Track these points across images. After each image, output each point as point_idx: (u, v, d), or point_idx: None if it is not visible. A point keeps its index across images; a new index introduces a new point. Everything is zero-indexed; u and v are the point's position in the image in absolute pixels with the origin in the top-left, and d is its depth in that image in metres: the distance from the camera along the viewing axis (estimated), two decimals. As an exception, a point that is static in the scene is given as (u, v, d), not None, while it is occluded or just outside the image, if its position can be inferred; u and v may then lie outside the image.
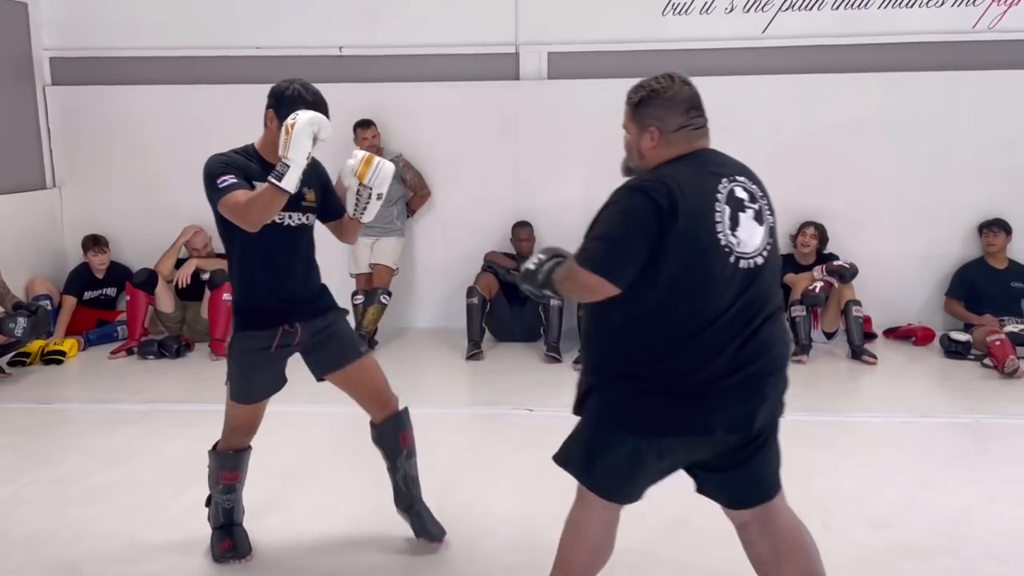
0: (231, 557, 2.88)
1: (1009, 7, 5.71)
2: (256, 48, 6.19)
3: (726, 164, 2.09)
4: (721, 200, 1.99)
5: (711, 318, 1.97)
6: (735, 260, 1.98)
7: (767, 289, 2.06)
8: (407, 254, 6.16)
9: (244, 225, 2.51)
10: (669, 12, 5.92)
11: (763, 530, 2.16)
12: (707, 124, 2.12)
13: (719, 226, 1.97)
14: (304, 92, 2.63)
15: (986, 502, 3.22)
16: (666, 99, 2.07)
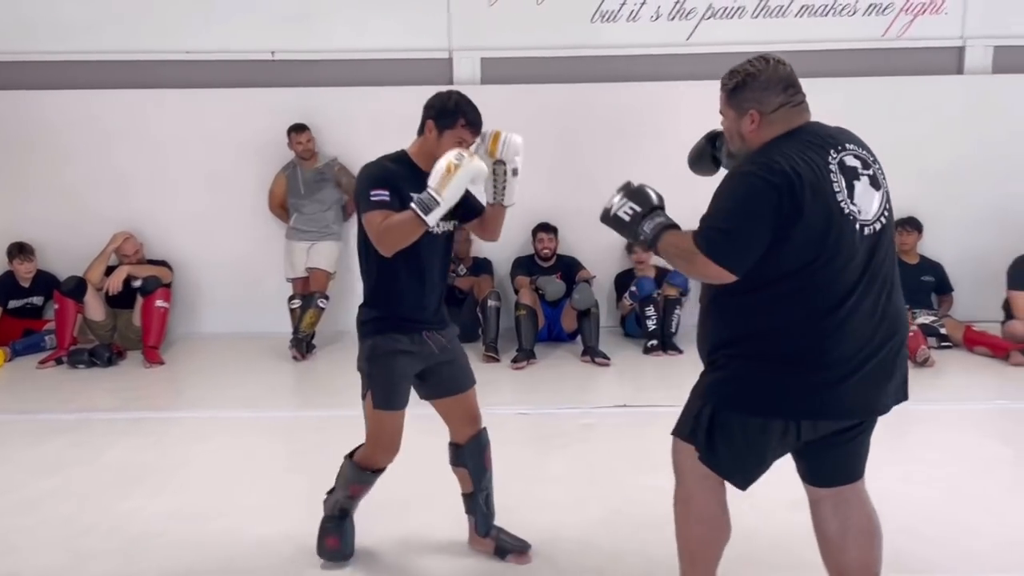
0: (332, 557, 2.83)
1: (915, 16, 6.06)
2: (185, 52, 6.13)
3: (832, 135, 2.09)
4: (835, 170, 1.99)
5: (847, 291, 1.98)
6: (860, 228, 1.99)
7: (889, 256, 2.06)
8: (345, 258, 6.17)
9: (379, 247, 2.51)
10: (598, 19, 6.09)
11: (836, 510, 2.19)
12: (806, 99, 2.12)
13: (839, 195, 1.97)
14: (466, 106, 2.61)
15: (900, 482, 3.43)
16: (762, 81, 2.08)
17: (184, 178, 6.22)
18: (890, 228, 2.08)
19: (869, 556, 2.19)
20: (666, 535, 2.95)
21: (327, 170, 5.96)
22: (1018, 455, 3.85)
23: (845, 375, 1.98)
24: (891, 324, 2.03)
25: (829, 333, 1.98)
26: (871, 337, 2.00)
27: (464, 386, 2.83)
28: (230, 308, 6.32)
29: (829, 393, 2.00)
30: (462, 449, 2.85)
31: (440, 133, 2.58)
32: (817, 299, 1.98)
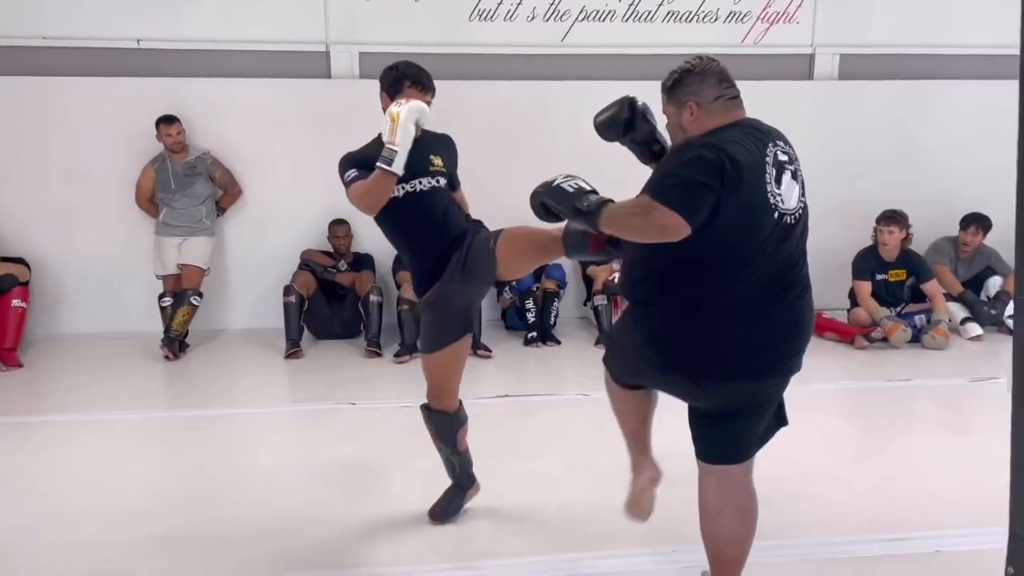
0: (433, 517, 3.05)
1: (771, 25, 6.47)
2: (43, 38, 5.80)
3: (767, 130, 2.23)
4: (770, 160, 2.14)
5: (763, 269, 2.13)
6: (779, 216, 2.14)
7: (798, 248, 2.21)
8: (218, 254, 6.02)
9: (363, 211, 2.80)
10: (475, 18, 6.18)
11: (719, 487, 2.37)
12: (740, 95, 2.25)
13: (769, 184, 2.12)
14: (407, 70, 2.87)
15: (757, 457, 3.70)
16: (696, 74, 2.22)
17: (43, 171, 5.89)
18: (805, 221, 2.23)
19: (742, 532, 2.39)
20: (546, 516, 3.11)
21: (199, 164, 5.79)
22: (861, 430, 4.23)
23: (746, 349, 2.16)
24: (796, 309, 2.20)
25: (730, 307, 2.14)
26: (780, 320, 2.18)
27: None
28: (95, 308, 6.04)
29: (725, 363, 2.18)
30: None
31: (394, 100, 2.78)
32: (725, 278, 2.13)
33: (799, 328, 2.25)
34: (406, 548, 2.89)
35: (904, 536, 2.96)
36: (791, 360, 2.26)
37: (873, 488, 3.38)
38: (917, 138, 6.61)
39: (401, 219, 2.87)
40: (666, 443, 3.87)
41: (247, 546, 2.90)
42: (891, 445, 3.98)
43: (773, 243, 2.14)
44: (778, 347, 2.22)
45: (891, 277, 5.86)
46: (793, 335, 2.23)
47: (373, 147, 2.82)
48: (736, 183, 2.06)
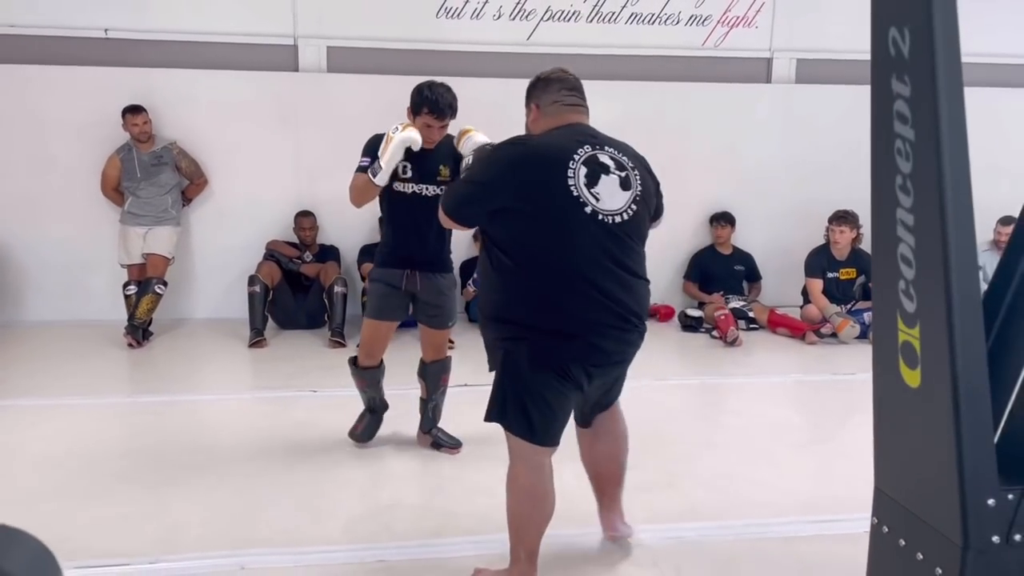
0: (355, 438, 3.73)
1: (731, 29, 6.64)
2: (9, 26, 5.80)
3: (596, 136, 2.44)
4: (577, 160, 2.32)
5: (572, 263, 2.29)
6: (591, 212, 2.30)
7: (633, 249, 2.39)
8: (184, 244, 6.06)
9: (352, 201, 3.40)
10: (443, 15, 6.28)
11: (596, 429, 2.72)
12: (582, 104, 2.52)
13: (571, 181, 2.30)
14: (429, 97, 3.34)
15: (704, 447, 3.85)
16: (543, 81, 2.53)
17: (8, 159, 5.89)
18: (636, 226, 2.39)
19: (615, 448, 2.74)
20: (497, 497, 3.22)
21: (165, 153, 5.82)
22: (806, 420, 4.40)
23: (577, 337, 2.33)
24: (622, 302, 2.35)
25: (558, 302, 2.31)
26: (602, 312, 2.32)
27: (440, 325, 3.61)
28: (59, 295, 6.06)
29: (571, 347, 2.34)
30: (426, 366, 3.71)
31: (414, 118, 3.37)
32: (548, 270, 2.30)
33: (638, 304, 2.42)
34: (360, 528, 2.99)
35: (836, 518, 3.11)
36: (635, 337, 2.46)
37: (810, 474, 3.55)
38: (869, 141, 6.80)
39: (402, 212, 3.43)
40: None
41: (204, 524, 2.98)
42: (832, 435, 4.15)
43: (593, 242, 2.30)
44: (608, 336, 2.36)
45: (842, 275, 6.05)
46: (632, 311, 2.39)
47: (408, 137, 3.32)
48: (528, 173, 2.31)
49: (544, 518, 2.47)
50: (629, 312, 2.38)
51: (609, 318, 2.33)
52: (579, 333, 2.32)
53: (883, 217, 1.75)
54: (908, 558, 1.81)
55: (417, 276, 3.47)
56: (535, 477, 2.42)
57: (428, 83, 3.38)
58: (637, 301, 2.41)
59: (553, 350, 2.33)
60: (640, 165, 2.48)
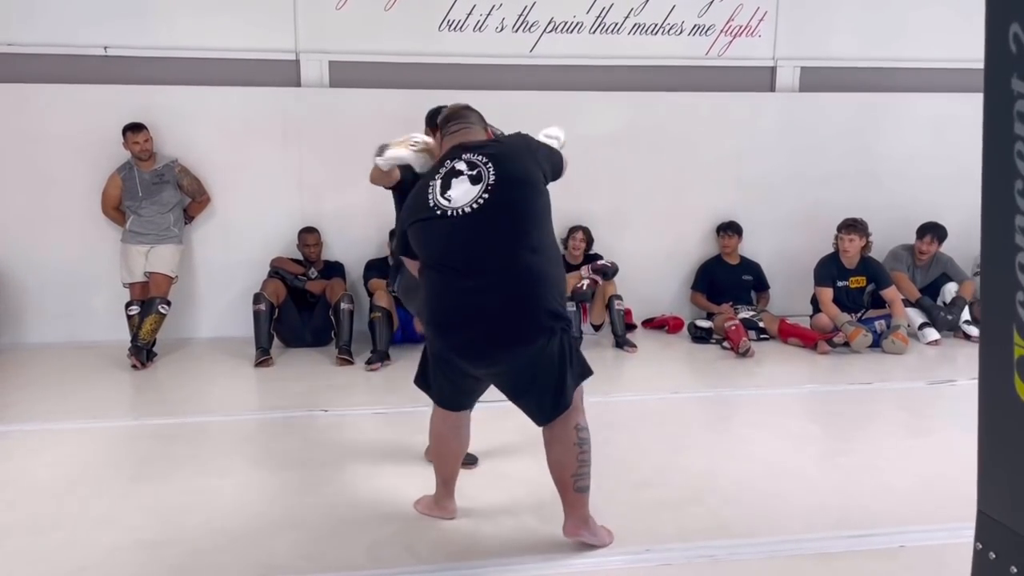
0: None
1: (734, 38, 6.62)
2: (7, 44, 5.74)
3: (461, 149, 2.84)
4: (438, 177, 2.79)
5: (436, 260, 2.75)
6: (441, 213, 2.71)
7: (496, 228, 2.68)
8: (187, 262, 5.98)
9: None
10: (445, 28, 6.24)
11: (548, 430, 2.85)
12: (464, 127, 2.96)
13: (431, 195, 2.75)
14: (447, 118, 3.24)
15: (725, 460, 3.79)
16: (443, 120, 3.01)
17: (8, 179, 5.81)
18: (494, 204, 2.67)
19: (562, 457, 2.84)
20: (520, 518, 3.15)
21: (167, 172, 5.75)
22: (824, 432, 4.33)
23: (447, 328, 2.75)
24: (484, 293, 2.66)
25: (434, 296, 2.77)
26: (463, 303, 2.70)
27: None
28: (60, 317, 5.96)
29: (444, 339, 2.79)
30: None
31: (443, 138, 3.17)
32: (427, 270, 2.79)
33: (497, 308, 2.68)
34: (382, 550, 2.91)
35: (869, 532, 3.05)
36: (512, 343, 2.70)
37: (838, 487, 3.48)
38: (875, 149, 6.79)
39: None
40: (638, 446, 3.96)
41: (221, 551, 2.90)
42: (854, 446, 4.08)
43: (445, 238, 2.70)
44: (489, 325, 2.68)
45: (852, 284, 6.01)
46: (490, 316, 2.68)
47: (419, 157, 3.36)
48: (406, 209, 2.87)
49: (449, 455, 3.09)
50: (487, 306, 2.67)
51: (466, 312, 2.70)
52: (443, 326, 2.77)
53: (998, 224, 1.67)
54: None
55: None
56: (441, 425, 3.03)
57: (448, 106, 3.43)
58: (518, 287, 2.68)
59: (435, 340, 2.83)
60: (502, 154, 2.79)
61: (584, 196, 6.37)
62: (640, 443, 3.98)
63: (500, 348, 2.70)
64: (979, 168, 2.15)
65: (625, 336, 5.90)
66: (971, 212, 6.64)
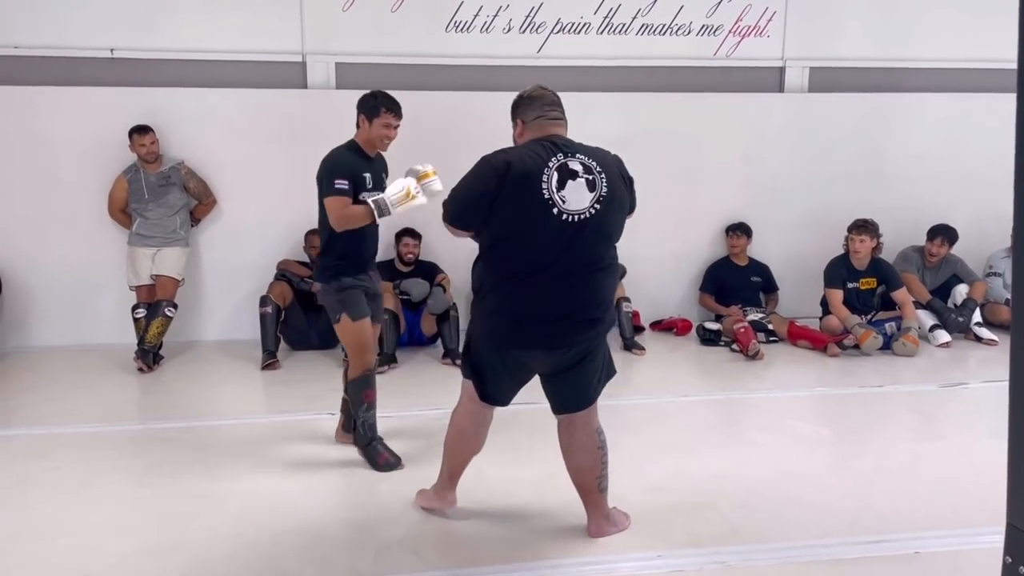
0: (392, 466, 3.61)
1: (743, 38, 6.58)
2: (14, 47, 5.73)
3: (569, 145, 2.78)
4: (551, 167, 2.68)
5: (544, 260, 2.67)
6: (557, 212, 2.66)
7: (596, 243, 2.74)
8: (193, 265, 5.97)
9: (335, 227, 3.51)
10: (452, 29, 6.22)
11: (567, 430, 2.95)
12: (562, 117, 2.86)
13: (544, 186, 2.66)
14: (384, 98, 3.62)
15: (737, 464, 3.75)
16: (526, 99, 2.86)
17: (13, 181, 5.80)
18: (600, 221, 2.72)
19: (585, 462, 2.96)
20: (529, 522, 3.12)
21: (173, 174, 5.74)
22: (836, 435, 4.28)
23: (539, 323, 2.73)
24: (583, 293, 2.74)
25: (529, 293, 2.71)
26: (564, 301, 2.71)
27: (379, 317, 3.83)
28: (66, 319, 5.95)
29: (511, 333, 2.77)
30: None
31: (371, 123, 3.60)
32: (514, 263, 2.71)
33: (590, 304, 2.76)
34: (390, 555, 2.88)
35: (882, 538, 3.01)
36: (584, 330, 2.78)
37: (850, 491, 3.44)
38: (884, 149, 6.75)
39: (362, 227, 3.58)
40: (648, 450, 3.92)
41: (230, 558, 2.87)
42: (866, 449, 4.04)
43: (559, 238, 2.67)
44: (572, 318, 2.74)
45: (862, 285, 5.96)
46: (584, 309, 2.75)
47: (355, 155, 3.64)
48: (511, 179, 2.65)
49: (466, 450, 3.08)
50: (584, 302, 2.74)
51: (563, 307, 2.72)
52: (516, 321, 2.74)
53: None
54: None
55: (375, 276, 3.82)
56: (468, 421, 3.02)
57: (372, 92, 3.68)
58: (594, 291, 2.77)
59: (510, 331, 2.77)
60: (608, 168, 2.79)
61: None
62: (649, 447, 3.94)
63: (575, 338, 2.79)
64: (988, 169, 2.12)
65: (633, 339, 5.86)
66: (981, 213, 6.65)
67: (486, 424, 3.04)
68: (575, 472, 2.97)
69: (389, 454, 3.66)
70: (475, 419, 3.01)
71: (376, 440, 3.71)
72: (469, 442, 3.05)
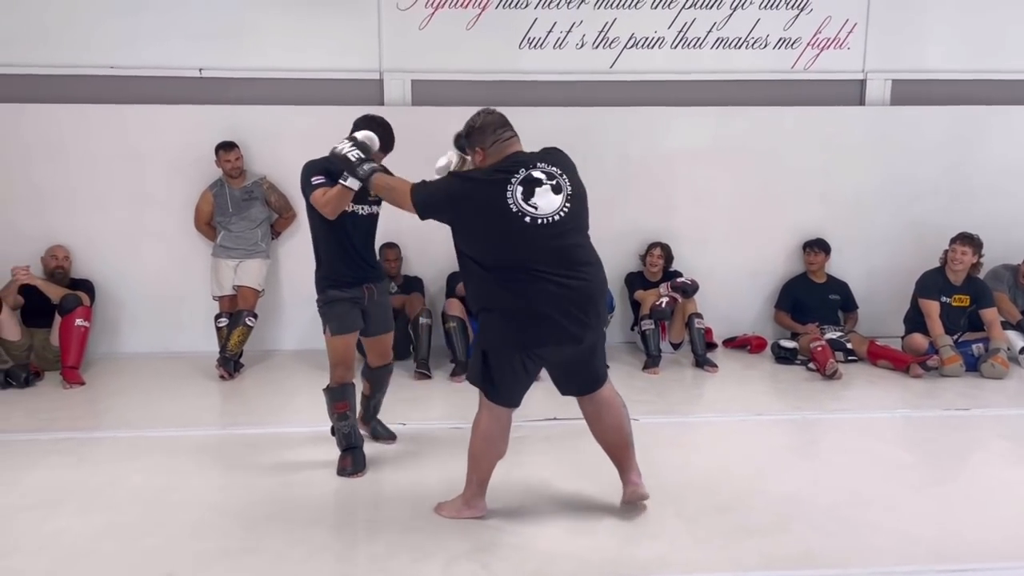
0: (348, 473, 3.73)
1: (821, 51, 6.45)
2: (110, 67, 6.03)
3: (529, 157, 3.07)
4: (515, 182, 2.97)
5: (533, 260, 2.92)
6: (530, 220, 2.93)
7: (573, 238, 3.01)
8: (273, 276, 6.15)
9: (324, 213, 3.58)
10: (525, 46, 6.27)
11: (591, 401, 3.24)
12: (515, 134, 3.13)
13: (510, 199, 2.94)
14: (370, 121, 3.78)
15: (811, 485, 3.65)
16: (478, 129, 3.12)
17: (107, 195, 6.09)
18: (572, 216, 3.00)
19: (617, 419, 3.25)
20: (597, 538, 3.11)
21: (255, 188, 5.94)
22: (918, 460, 4.11)
23: (547, 319, 2.95)
24: (578, 283, 2.98)
25: (527, 292, 2.93)
26: (563, 293, 2.94)
27: (384, 329, 4.01)
28: (154, 327, 6.20)
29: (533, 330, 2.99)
30: (373, 370, 4.10)
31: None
32: (506, 270, 2.95)
33: (589, 294, 3.02)
34: (459, 569, 2.90)
35: (966, 567, 2.90)
36: (592, 318, 3.04)
37: (933, 517, 3.31)
38: (972, 164, 6.50)
39: (350, 231, 3.74)
40: (719, 469, 3.85)
41: (302, 560, 2.95)
42: (950, 475, 3.89)
43: (540, 240, 2.93)
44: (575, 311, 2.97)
45: (954, 301, 5.72)
46: (584, 300, 3.00)
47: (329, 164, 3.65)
48: (472, 202, 2.96)
49: (494, 456, 3.21)
50: (582, 292, 2.99)
51: (561, 303, 2.94)
52: (536, 317, 2.94)
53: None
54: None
55: (374, 289, 3.87)
56: (494, 426, 3.15)
57: (371, 115, 3.88)
58: (587, 283, 3.01)
59: (523, 332, 2.99)
60: (567, 168, 3.09)
61: (663, 212, 6.31)
62: (721, 466, 3.87)
63: (587, 328, 3.04)
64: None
65: (705, 355, 5.78)
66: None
67: (509, 427, 3.20)
68: (610, 432, 3.23)
69: (350, 463, 3.77)
70: (500, 423, 3.16)
71: (349, 449, 3.81)
72: (496, 447, 3.19)
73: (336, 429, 3.89)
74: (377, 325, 3.94)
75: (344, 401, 3.83)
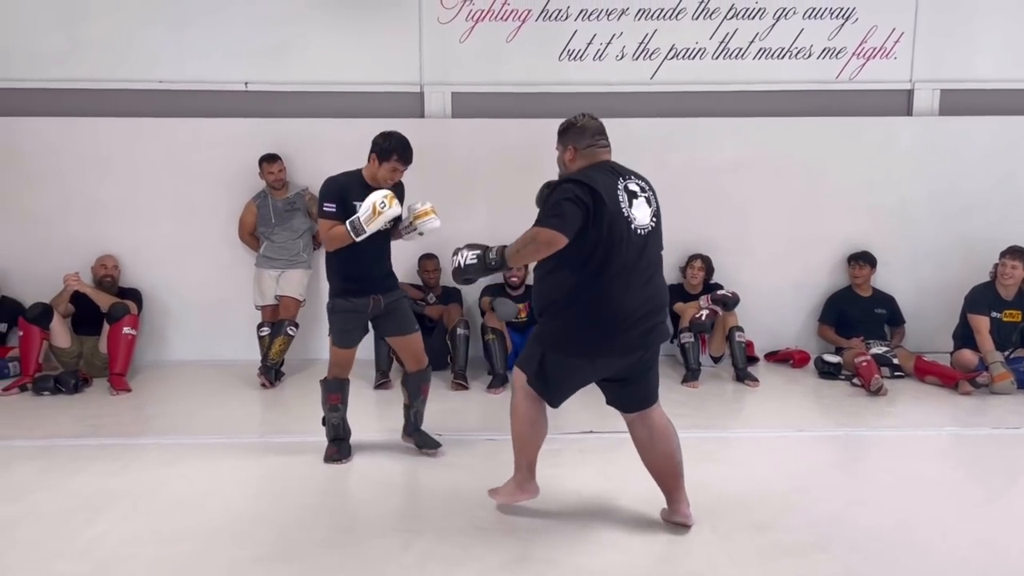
0: (334, 460, 3.99)
1: (867, 61, 6.35)
2: (159, 82, 6.19)
3: (621, 169, 3.12)
4: (621, 189, 3.02)
5: (626, 266, 2.98)
6: (634, 228, 3.02)
7: (656, 251, 3.14)
8: (313, 286, 6.22)
9: (324, 245, 3.92)
10: (565, 58, 6.29)
11: (643, 424, 3.21)
12: (609, 145, 3.16)
13: (622, 204, 3.00)
14: (398, 145, 3.86)
15: (854, 505, 3.56)
16: (578, 127, 3.15)
17: (154, 206, 6.24)
18: (657, 233, 3.13)
19: (669, 447, 3.21)
20: (633, 551, 3.07)
21: (298, 200, 6.03)
22: (966, 479, 4.00)
23: (623, 327, 3.00)
24: (655, 291, 3.10)
25: (615, 296, 2.98)
26: (642, 301, 3.02)
27: (406, 329, 4.10)
28: (198, 335, 6.33)
29: (613, 338, 3.02)
30: (410, 376, 4.18)
31: (380, 164, 3.86)
32: (608, 272, 2.96)
33: (660, 305, 3.13)
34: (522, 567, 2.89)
35: (1016, 593, 2.80)
36: (657, 330, 3.11)
37: (981, 540, 3.21)
38: (1023, 175, 6.32)
39: (365, 245, 3.82)
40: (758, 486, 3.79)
41: (337, 569, 2.96)
42: (1000, 495, 3.77)
43: (635, 249, 3.00)
44: (648, 321, 3.05)
45: (1005, 317, 5.58)
46: (656, 311, 3.09)
47: (354, 182, 3.92)
48: (597, 203, 2.93)
49: (539, 437, 3.30)
50: (655, 303, 3.09)
51: (639, 310, 3.01)
52: (615, 321, 2.98)
53: None
54: None
55: (381, 299, 3.97)
56: (532, 407, 3.23)
57: (391, 132, 3.89)
58: (659, 294, 3.14)
59: (585, 338, 3.03)
60: (652, 187, 3.18)
61: (704, 224, 6.24)
62: (760, 483, 3.80)
63: (660, 336, 3.14)
64: None
65: (746, 369, 5.69)
66: None
67: (545, 408, 3.27)
68: (661, 459, 3.21)
69: (336, 451, 4.04)
70: (539, 404, 3.24)
71: (336, 439, 4.08)
72: (539, 428, 3.27)
73: (327, 419, 4.09)
74: (394, 325, 4.07)
75: (337, 393, 4.06)
